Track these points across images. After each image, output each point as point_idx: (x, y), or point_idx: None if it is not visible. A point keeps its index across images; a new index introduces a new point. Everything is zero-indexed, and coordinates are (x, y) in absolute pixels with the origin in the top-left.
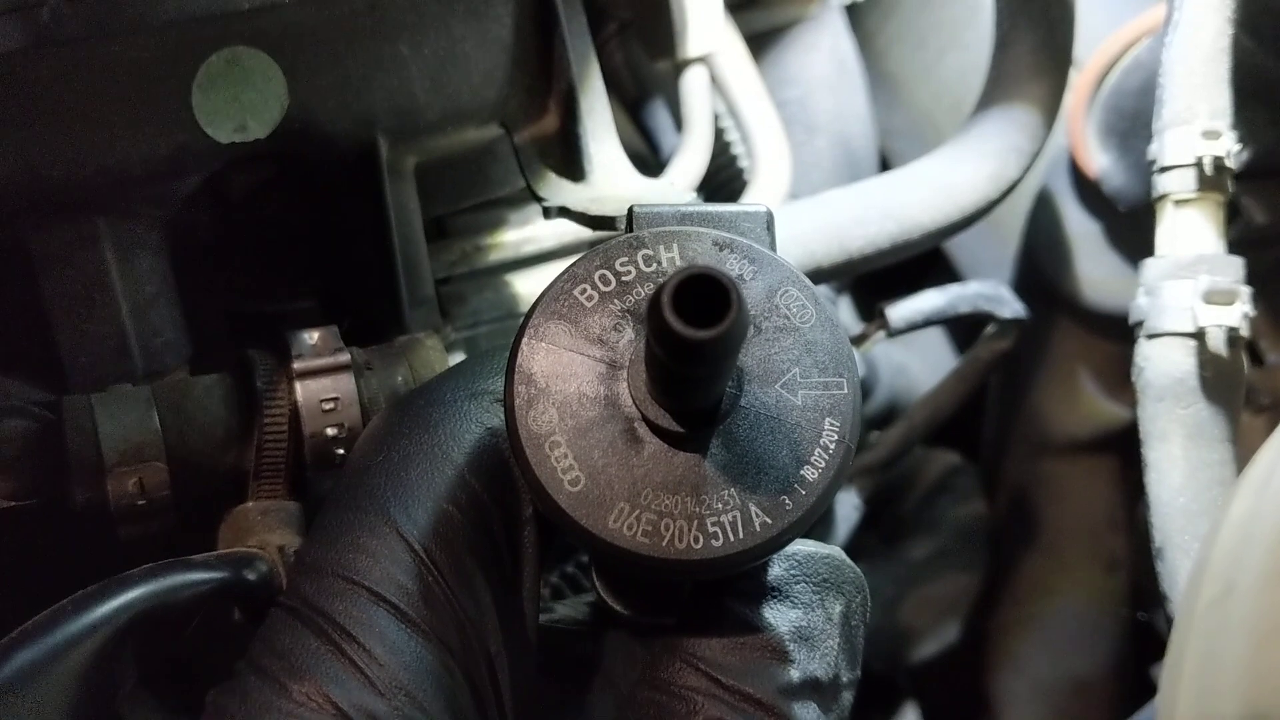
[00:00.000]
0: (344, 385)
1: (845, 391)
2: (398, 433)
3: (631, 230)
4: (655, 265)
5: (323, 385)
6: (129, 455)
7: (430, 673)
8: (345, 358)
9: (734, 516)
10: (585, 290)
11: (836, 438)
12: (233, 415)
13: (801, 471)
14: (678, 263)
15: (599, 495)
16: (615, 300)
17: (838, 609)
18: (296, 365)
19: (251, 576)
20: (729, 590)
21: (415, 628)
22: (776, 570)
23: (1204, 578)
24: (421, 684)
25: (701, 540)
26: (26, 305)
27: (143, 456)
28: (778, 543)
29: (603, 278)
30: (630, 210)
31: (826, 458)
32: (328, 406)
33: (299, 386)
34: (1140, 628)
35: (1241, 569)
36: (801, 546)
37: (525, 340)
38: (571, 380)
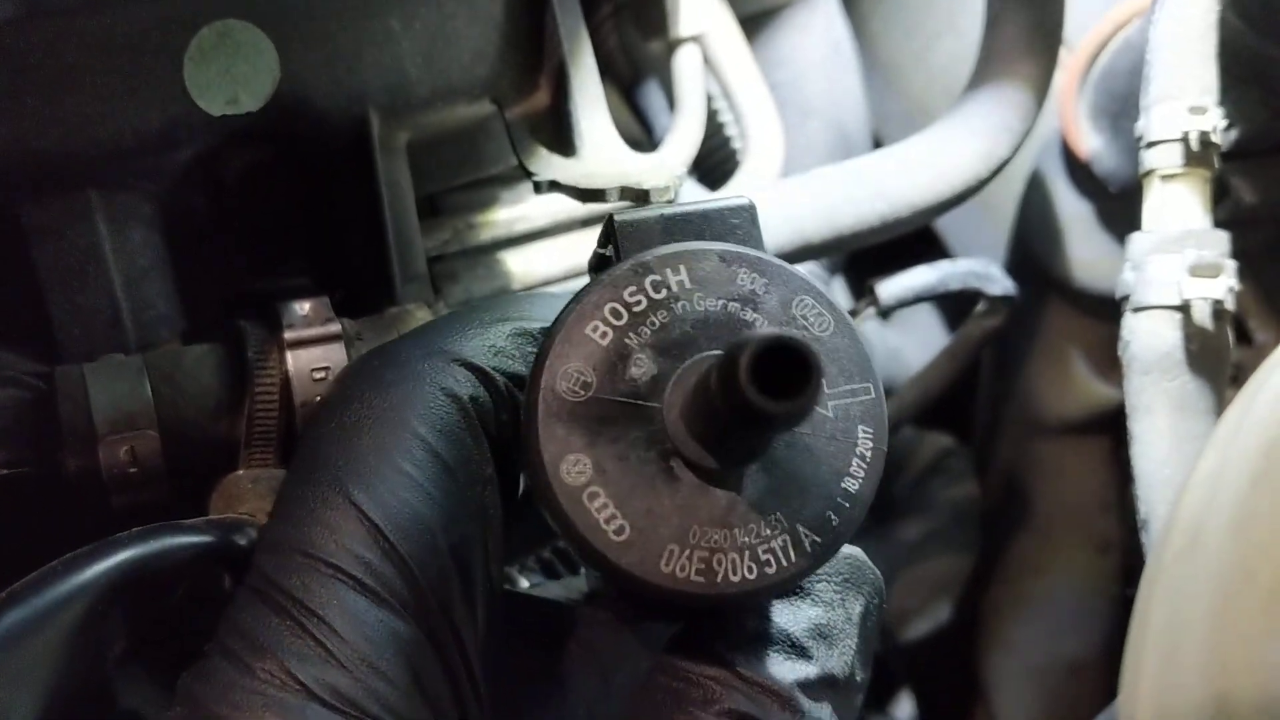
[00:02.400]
0: (335, 355)
1: (873, 396)
2: (350, 396)
3: (612, 240)
4: (665, 291)
5: (314, 355)
6: (121, 424)
7: (393, 643)
8: (336, 328)
9: (784, 540)
10: (597, 327)
11: (872, 445)
12: (224, 384)
13: (843, 484)
14: (688, 285)
15: (647, 541)
16: (630, 334)
17: (857, 609)
18: (288, 335)
19: (242, 542)
20: None
21: (375, 598)
22: None
23: (1172, 530)
24: (384, 655)
25: (755, 570)
26: (19, 277)
27: (134, 425)
28: (827, 557)
29: (614, 311)
30: (610, 221)
31: (865, 466)
32: (319, 375)
33: (290, 356)
34: (1131, 608)
35: (1208, 521)
36: None
37: (543, 391)
38: (600, 425)
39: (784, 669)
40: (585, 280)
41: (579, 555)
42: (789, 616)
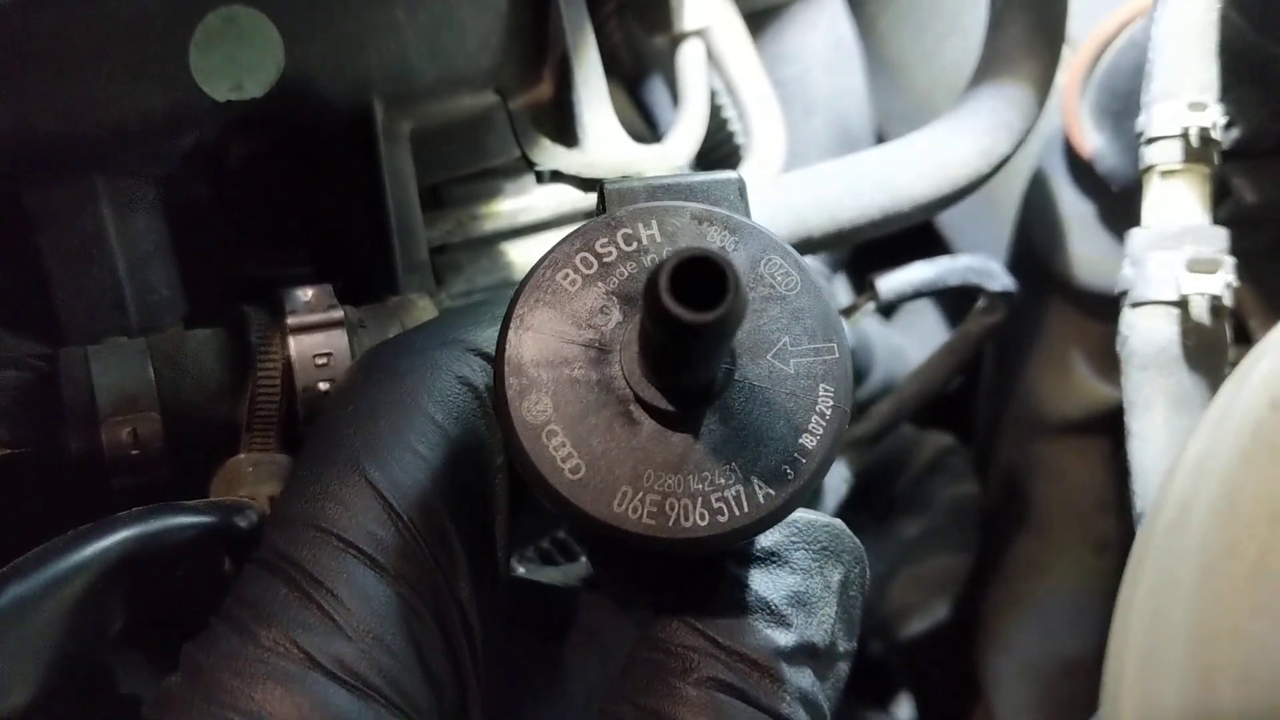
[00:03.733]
0: (337, 341)
1: (837, 355)
2: (369, 382)
3: (604, 207)
4: (636, 244)
5: (316, 341)
6: (123, 405)
7: (398, 617)
8: (338, 314)
9: (737, 491)
10: (568, 275)
11: (832, 403)
12: (226, 368)
13: (800, 440)
14: (658, 239)
15: (601, 481)
16: (599, 282)
17: (836, 577)
18: (290, 320)
19: (242, 524)
20: (729, 555)
21: (384, 574)
22: (776, 536)
23: (1161, 508)
24: (389, 628)
25: (708, 517)
26: (24, 260)
27: (137, 407)
28: (783, 512)
29: (584, 260)
30: (601, 187)
31: (824, 424)
32: (320, 361)
33: (292, 341)
34: None
35: (1196, 498)
36: (802, 514)
37: (512, 330)
38: (563, 367)
39: (763, 637)
40: None
41: (536, 492)
42: (767, 585)
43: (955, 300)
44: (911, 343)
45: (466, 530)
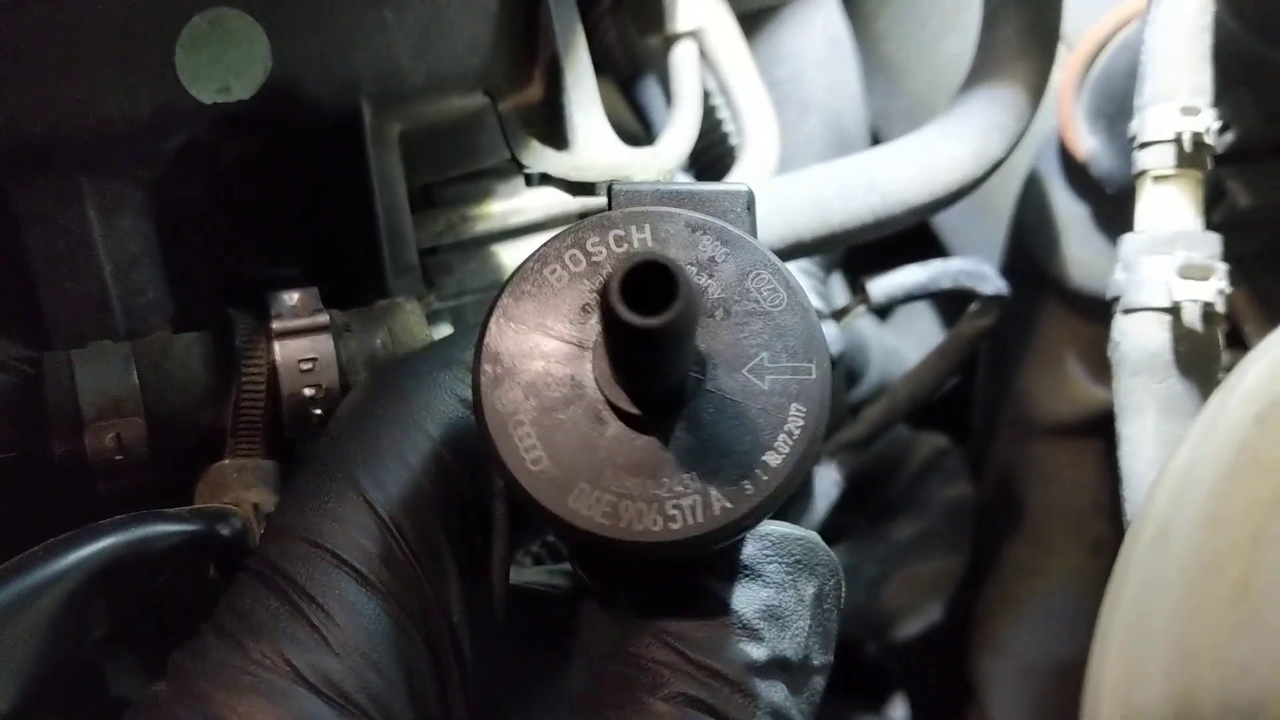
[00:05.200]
0: (322, 346)
1: (814, 377)
2: (372, 402)
3: (610, 208)
4: (626, 246)
5: (301, 346)
6: (107, 410)
7: (387, 635)
8: (324, 319)
9: (694, 500)
10: (555, 270)
11: (802, 423)
12: (211, 373)
13: (764, 457)
14: (649, 244)
15: (560, 475)
16: (585, 280)
17: (810, 590)
18: (275, 325)
19: (225, 531)
20: (702, 568)
21: (376, 591)
22: (750, 549)
23: (1143, 523)
24: (378, 646)
25: (660, 523)
26: (8, 262)
27: (121, 412)
28: (738, 527)
29: (573, 257)
30: (610, 187)
31: (790, 443)
32: (306, 367)
33: (277, 346)
34: None
35: (1179, 513)
36: (776, 527)
37: (494, 320)
38: (539, 360)
39: (735, 651)
40: None
41: (498, 476)
42: (740, 598)
43: (951, 302)
44: (908, 344)
45: (462, 549)
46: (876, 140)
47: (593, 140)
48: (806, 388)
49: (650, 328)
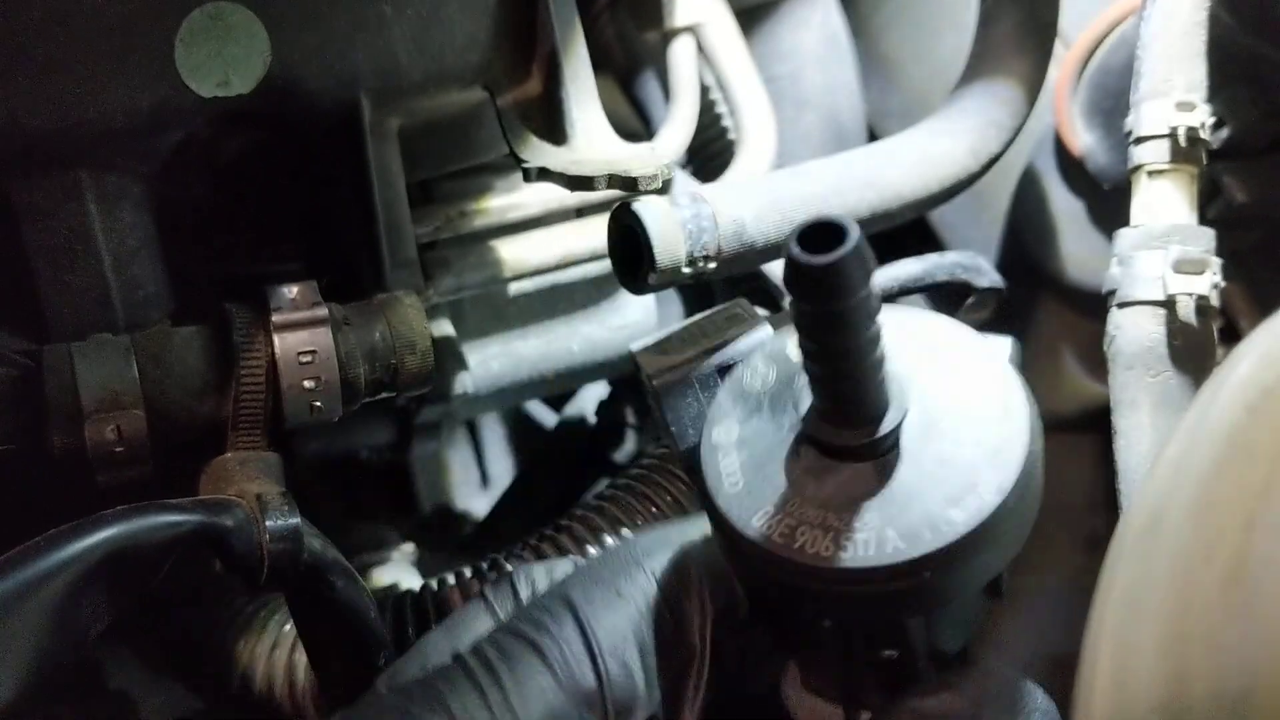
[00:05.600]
0: (321, 339)
1: (1016, 453)
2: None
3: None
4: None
5: (300, 339)
6: (107, 403)
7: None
8: (323, 312)
9: (869, 536)
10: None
11: (994, 488)
12: (211, 366)
13: (948, 511)
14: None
15: (751, 498)
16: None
17: None
18: (275, 318)
19: (228, 522)
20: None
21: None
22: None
23: (1137, 511)
24: None
25: (832, 550)
26: (8, 256)
27: (121, 404)
28: (911, 569)
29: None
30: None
31: (978, 503)
32: (305, 360)
33: (277, 339)
34: None
35: (1171, 502)
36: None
37: (731, 379)
38: (761, 406)
39: None
40: (578, 269)
41: (701, 498)
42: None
43: (950, 297)
44: None
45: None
46: (873, 137)
47: (591, 135)
48: (1005, 461)
49: (822, 265)
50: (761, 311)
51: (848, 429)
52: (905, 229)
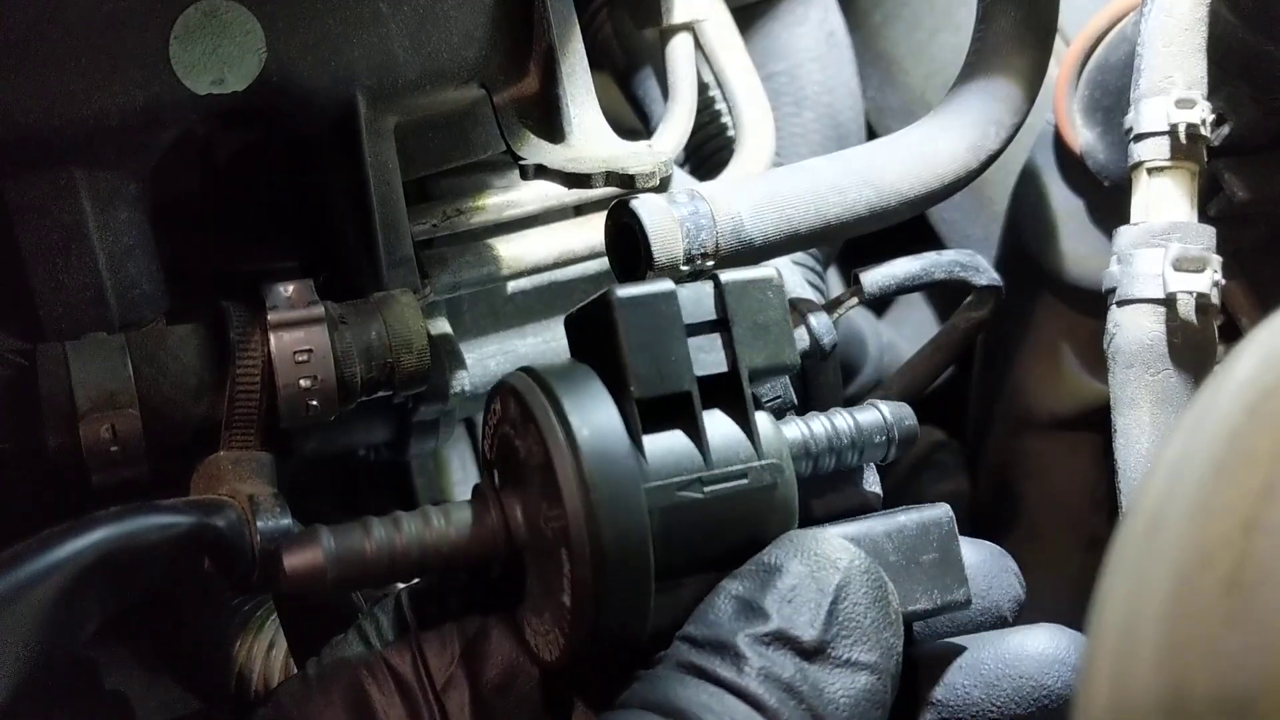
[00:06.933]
0: (317, 338)
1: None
2: None
3: None
4: None
5: (296, 337)
6: (102, 402)
7: None
8: (319, 310)
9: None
10: None
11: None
12: (206, 365)
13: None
14: None
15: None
16: None
17: (832, 580)
18: (271, 317)
19: (220, 523)
20: (729, 575)
21: None
22: (778, 551)
23: (1136, 513)
24: None
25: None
26: (2, 254)
27: (115, 404)
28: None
29: None
30: None
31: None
32: (301, 358)
33: (273, 338)
34: None
35: (1170, 504)
36: (804, 531)
37: None
38: None
39: (735, 625)
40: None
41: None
42: (756, 588)
43: (948, 296)
44: (904, 338)
45: None
46: (873, 135)
47: (588, 132)
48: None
49: None
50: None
51: None
52: (904, 227)
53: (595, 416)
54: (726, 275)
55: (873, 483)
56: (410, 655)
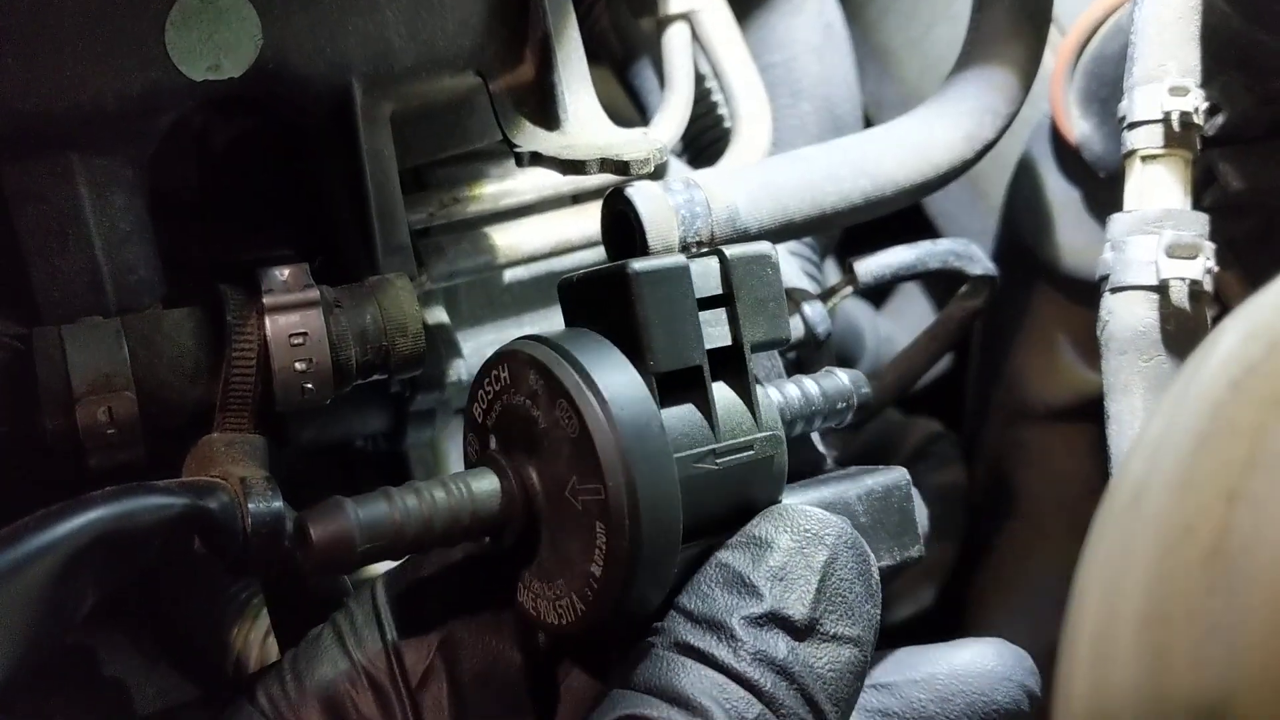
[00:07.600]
0: (313, 321)
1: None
2: None
3: None
4: None
5: (291, 320)
6: (98, 385)
7: None
8: (314, 294)
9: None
10: None
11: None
12: (202, 348)
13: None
14: None
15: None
16: None
17: (820, 557)
18: (266, 300)
19: (212, 505)
20: (719, 545)
21: None
22: (765, 525)
23: (1119, 486)
24: None
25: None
26: None
27: (112, 387)
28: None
29: None
30: None
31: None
32: (296, 341)
33: (268, 321)
34: None
35: (1152, 477)
36: (794, 502)
37: None
38: None
39: (729, 603)
40: (573, 255)
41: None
42: (746, 563)
43: (946, 289)
44: (901, 328)
45: None
46: (868, 125)
47: (584, 120)
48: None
49: None
50: None
51: None
52: (900, 217)
53: (629, 392)
54: (731, 251)
55: (818, 443)
56: (385, 654)
